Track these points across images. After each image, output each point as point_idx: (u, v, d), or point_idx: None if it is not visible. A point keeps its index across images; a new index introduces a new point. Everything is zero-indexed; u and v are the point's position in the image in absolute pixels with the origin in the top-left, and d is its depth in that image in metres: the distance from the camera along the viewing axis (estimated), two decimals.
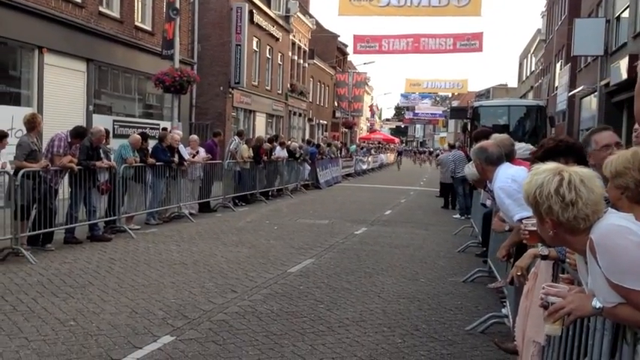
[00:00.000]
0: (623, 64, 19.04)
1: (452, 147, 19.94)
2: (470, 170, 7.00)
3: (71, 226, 9.89)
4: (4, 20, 13.34)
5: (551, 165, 2.41)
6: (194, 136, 15.72)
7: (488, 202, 8.05)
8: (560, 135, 26.97)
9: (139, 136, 12.12)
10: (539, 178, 2.35)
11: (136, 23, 19.36)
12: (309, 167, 23.19)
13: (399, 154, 54.65)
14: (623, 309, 2.23)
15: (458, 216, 15.46)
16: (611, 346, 2.48)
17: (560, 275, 3.28)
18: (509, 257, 5.20)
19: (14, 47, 14.47)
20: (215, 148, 15.78)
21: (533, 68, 49.19)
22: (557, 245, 2.65)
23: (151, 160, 12.21)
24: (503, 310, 6.09)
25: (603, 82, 22.26)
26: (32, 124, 9.01)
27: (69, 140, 9.61)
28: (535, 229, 3.72)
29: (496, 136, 5.91)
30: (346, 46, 51.65)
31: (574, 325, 2.95)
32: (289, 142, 23.58)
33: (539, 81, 43.12)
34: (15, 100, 14.49)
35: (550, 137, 5.50)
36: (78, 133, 9.76)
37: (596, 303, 2.29)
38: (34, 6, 14.25)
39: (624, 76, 18.92)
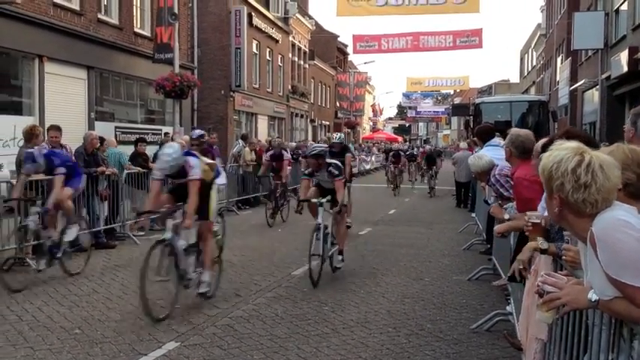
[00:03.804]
0: (624, 56, 19.00)
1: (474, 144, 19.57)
2: (474, 161, 6.99)
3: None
4: (4, 30, 13.37)
5: (574, 144, 2.39)
6: (185, 137, 15.51)
7: (491, 200, 8.04)
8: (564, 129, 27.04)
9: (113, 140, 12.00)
10: (559, 154, 2.33)
11: (135, 29, 19.39)
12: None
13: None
14: (619, 303, 2.23)
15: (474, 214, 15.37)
16: (608, 341, 2.47)
17: (559, 272, 3.28)
18: (503, 237, 5.26)
19: (15, 57, 14.51)
20: (211, 149, 15.63)
21: (534, 63, 49.11)
22: (560, 223, 2.62)
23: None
24: (508, 308, 6.08)
25: (604, 75, 22.22)
26: (30, 135, 8.99)
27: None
28: (539, 221, 3.73)
29: (517, 131, 5.82)
30: (346, 46, 51.59)
31: (574, 321, 2.95)
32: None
33: (541, 76, 43.05)
34: (17, 109, 14.53)
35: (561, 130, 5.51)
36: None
37: (592, 296, 2.28)
38: (33, 15, 14.28)
39: (625, 68, 18.89)
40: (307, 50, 43.15)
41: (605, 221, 2.23)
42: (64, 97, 15.74)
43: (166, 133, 17.71)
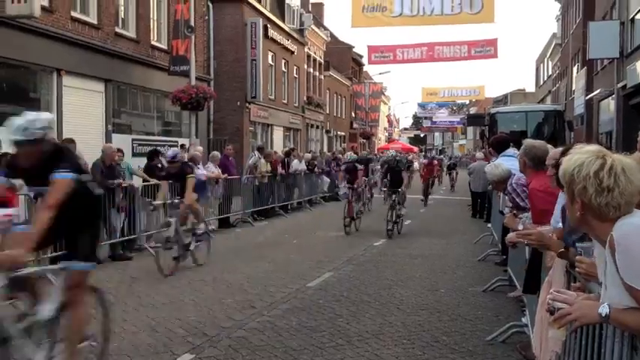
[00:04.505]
0: (639, 65, 18.87)
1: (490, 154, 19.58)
2: (491, 170, 6.97)
3: None
4: (23, 44, 13.59)
5: (594, 147, 2.38)
6: (200, 148, 15.61)
7: (506, 210, 8.00)
8: (580, 139, 26.69)
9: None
10: (581, 157, 2.32)
11: (152, 42, 19.59)
12: (327, 180, 23.21)
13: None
14: (631, 315, 2.22)
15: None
16: (620, 354, 2.47)
17: (572, 284, 3.27)
18: (514, 246, 5.28)
19: (33, 70, 14.71)
20: (227, 161, 15.73)
21: (550, 72, 48.88)
22: (581, 228, 2.59)
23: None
24: (524, 319, 6.05)
25: (620, 85, 22.05)
26: None
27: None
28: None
29: (531, 142, 5.82)
30: (361, 56, 51.68)
31: (588, 333, 2.94)
32: (302, 153, 23.67)
33: (557, 85, 42.84)
34: None
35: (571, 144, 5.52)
36: None
37: (603, 310, 2.27)
38: (52, 29, 14.49)
39: None
40: (322, 61, 43.29)
41: (626, 226, 2.21)
42: (81, 109, 15.92)
43: (182, 145, 17.82)
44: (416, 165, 33.63)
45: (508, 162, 7.56)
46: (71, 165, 4.15)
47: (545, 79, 51.59)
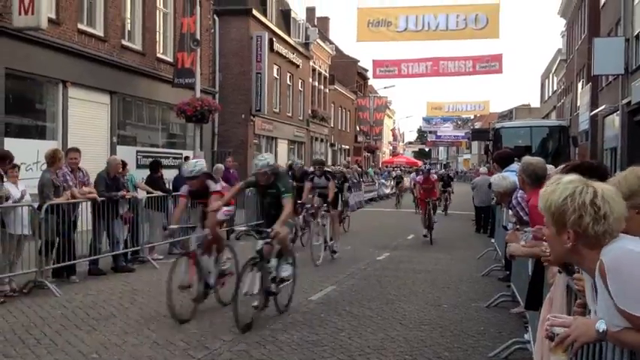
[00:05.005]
0: None
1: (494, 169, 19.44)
2: (498, 181, 6.93)
3: (95, 257, 10.00)
4: (30, 56, 13.68)
5: (574, 176, 2.38)
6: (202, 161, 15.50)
7: (510, 225, 7.97)
8: (584, 155, 26.60)
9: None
10: (567, 187, 2.31)
11: (158, 55, 19.70)
12: None
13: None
14: (629, 334, 2.22)
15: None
16: None
17: (576, 302, 3.25)
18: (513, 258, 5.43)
19: (39, 82, 14.79)
20: (228, 173, 15.70)
21: (555, 88, 48.89)
22: (567, 260, 2.58)
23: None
24: (526, 336, 6.02)
25: (625, 101, 22.04)
26: (52, 159, 9.15)
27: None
28: None
29: (528, 159, 5.84)
30: (366, 70, 51.86)
31: (589, 354, 2.92)
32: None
33: (562, 101, 42.84)
34: (41, 133, 14.78)
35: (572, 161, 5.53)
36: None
37: (600, 326, 2.27)
38: (58, 41, 14.59)
39: None
40: (327, 75, 43.45)
41: (615, 251, 2.22)
42: (87, 121, 15.99)
43: (187, 157, 17.87)
44: (406, 182, 32.69)
45: (511, 177, 7.55)
46: None
47: (550, 94, 51.60)
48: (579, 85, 34.02)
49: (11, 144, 12.27)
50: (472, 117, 78.39)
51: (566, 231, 2.32)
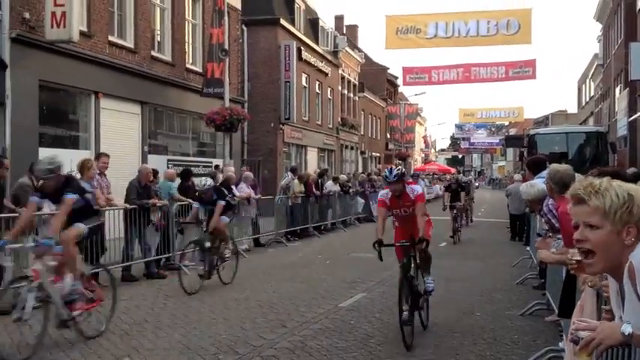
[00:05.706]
0: None
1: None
2: (526, 189, 6.81)
3: (127, 264, 10.10)
4: (62, 68, 13.91)
5: (616, 180, 2.34)
6: (232, 169, 15.51)
7: (543, 233, 7.82)
8: (623, 162, 26.01)
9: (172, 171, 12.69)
10: (618, 185, 2.27)
11: (187, 65, 19.89)
12: (362, 201, 23.13)
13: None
14: None
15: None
16: None
17: (603, 307, 3.16)
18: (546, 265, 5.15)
19: (72, 93, 15.04)
20: (254, 181, 15.78)
21: (592, 93, 48.03)
22: (622, 261, 2.46)
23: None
24: (561, 344, 5.86)
25: None
26: (82, 169, 9.29)
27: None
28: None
29: (555, 166, 5.75)
30: (396, 77, 51.69)
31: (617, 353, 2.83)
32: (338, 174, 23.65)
33: (600, 106, 42.09)
34: (74, 143, 15.01)
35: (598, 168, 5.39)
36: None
37: (626, 329, 2.18)
38: (90, 53, 14.82)
39: None
40: (357, 83, 43.42)
41: None
42: (118, 131, 16.20)
43: (217, 166, 17.99)
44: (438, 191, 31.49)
45: (540, 185, 7.41)
46: None
47: (588, 100, 50.72)
48: (617, 90, 33.40)
49: (45, 154, 12.43)
50: (506, 123, 77.45)
51: (627, 228, 2.23)
